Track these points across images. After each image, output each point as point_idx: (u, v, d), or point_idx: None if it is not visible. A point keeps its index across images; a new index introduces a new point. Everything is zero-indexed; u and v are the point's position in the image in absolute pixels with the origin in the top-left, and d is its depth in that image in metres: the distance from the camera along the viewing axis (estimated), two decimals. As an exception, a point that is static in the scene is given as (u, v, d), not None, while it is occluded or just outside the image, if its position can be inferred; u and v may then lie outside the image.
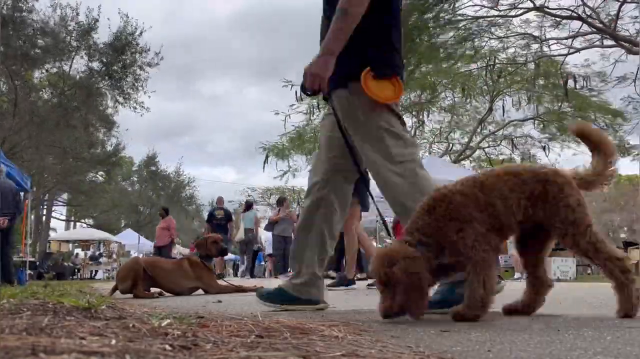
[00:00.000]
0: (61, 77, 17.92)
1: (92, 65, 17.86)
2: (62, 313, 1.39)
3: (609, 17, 13.84)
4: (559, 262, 9.89)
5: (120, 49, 17.42)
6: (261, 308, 2.52)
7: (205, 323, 1.45)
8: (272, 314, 2.25)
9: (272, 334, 1.27)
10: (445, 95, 22.06)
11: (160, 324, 1.27)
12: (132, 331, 1.14)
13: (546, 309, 2.13)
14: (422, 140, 25.44)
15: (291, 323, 1.50)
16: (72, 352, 0.78)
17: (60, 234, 30.30)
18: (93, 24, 17.14)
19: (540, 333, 1.52)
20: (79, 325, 1.14)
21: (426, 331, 1.61)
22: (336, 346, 1.14)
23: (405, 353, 1.16)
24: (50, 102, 18.17)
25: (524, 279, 2.16)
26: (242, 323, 1.48)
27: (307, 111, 21.56)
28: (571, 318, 1.91)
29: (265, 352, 1.01)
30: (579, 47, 15.71)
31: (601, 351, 1.22)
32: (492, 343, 1.36)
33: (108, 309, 1.63)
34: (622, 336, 1.43)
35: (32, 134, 16.95)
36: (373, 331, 1.57)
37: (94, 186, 25.47)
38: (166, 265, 4.62)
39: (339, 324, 1.54)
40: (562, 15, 14.30)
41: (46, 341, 0.86)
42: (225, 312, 2.19)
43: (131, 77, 18.01)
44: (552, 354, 1.21)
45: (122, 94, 18.32)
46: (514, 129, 22.53)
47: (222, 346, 1.05)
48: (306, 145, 22.24)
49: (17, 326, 1.02)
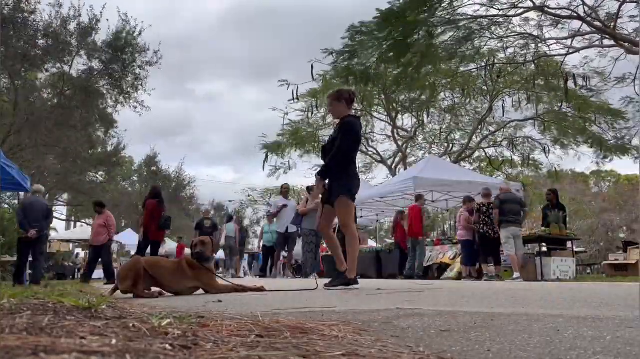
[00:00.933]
0: (61, 78, 17.91)
1: (92, 64, 17.85)
2: (63, 312, 1.39)
3: (608, 17, 13.84)
4: (558, 262, 9.90)
5: (120, 48, 17.40)
6: (261, 308, 2.53)
7: (205, 322, 1.45)
8: (272, 314, 2.25)
9: (272, 334, 1.28)
10: (445, 95, 22.10)
11: (161, 324, 1.27)
12: (132, 330, 1.14)
13: (546, 309, 2.13)
14: (422, 140, 25.51)
15: (291, 322, 1.50)
16: (73, 352, 0.78)
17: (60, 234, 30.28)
18: (94, 24, 17.13)
19: (540, 333, 1.52)
20: (79, 325, 1.14)
21: (426, 331, 1.61)
22: (336, 346, 1.14)
23: (405, 353, 1.16)
24: (50, 103, 18.16)
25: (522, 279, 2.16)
26: (242, 322, 1.48)
27: (304, 109, 21.63)
28: (571, 318, 1.91)
29: (265, 352, 1.01)
30: (579, 47, 15.71)
31: (601, 351, 1.22)
32: (492, 343, 1.36)
33: (108, 309, 1.63)
34: (622, 336, 1.43)
35: (32, 134, 16.95)
36: (373, 331, 1.57)
37: (94, 185, 25.45)
38: (167, 265, 4.62)
39: (339, 324, 1.54)
40: (561, 15, 14.30)
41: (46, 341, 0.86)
42: (225, 312, 2.19)
43: (131, 77, 18.00)
44: (552, 354, 1.21)
45: (122, 93, 18.30)
46: (514, 130, 22.55)
47: (222, 346, 1.05)
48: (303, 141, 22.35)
49: (18, 326, 1.02)
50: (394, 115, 24.05)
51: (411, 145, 25.28)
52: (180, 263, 4.60)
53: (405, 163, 23.63)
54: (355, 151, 4.84)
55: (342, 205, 4.70)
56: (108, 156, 23.29)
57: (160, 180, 36.97)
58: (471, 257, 10.17)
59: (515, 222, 9.27)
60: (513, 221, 9.22)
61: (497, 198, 9.64)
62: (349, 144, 4.67)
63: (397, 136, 24.47)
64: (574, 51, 15.73)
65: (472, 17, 13.76)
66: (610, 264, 12.34)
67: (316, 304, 2.85)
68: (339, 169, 4.71)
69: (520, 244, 9.34)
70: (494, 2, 13.62)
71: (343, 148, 4.64)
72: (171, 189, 37.27)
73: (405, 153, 24.56)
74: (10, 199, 26.73)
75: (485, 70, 16.64)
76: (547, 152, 21.38)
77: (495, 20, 14.45)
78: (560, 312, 2.19)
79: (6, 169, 8.89)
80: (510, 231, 9.16)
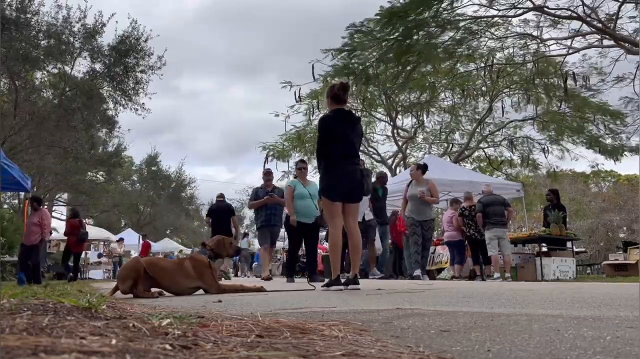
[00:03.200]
0: (62, 78, 17.91)
1: (94, 66, 17.86)
2: (63, 312, 1.39)
3: (608, 16, 13.84)
4: (558, 262, 9.90)
5: (124, 52, 17.43)
6: (261, 308, 2.53)
7: (205, 322, 1.45)
8: (272, 314, 2.25)
9: (272, 334, 1.28)
10: (445, 95, 22.09)
11: (161, 323, 1.28)
12: (132, 330, 1.14)
13: (546, 309, 2.13)
14: (421, 140, 25.51)
15: (291, 322, 1.50)
16: (73, 352, 0.78)
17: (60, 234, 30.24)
18: (100, 28, 17.15)
19: (540, 333, 1.52)
20: (79, 325, 1.14)
21: (426, 331, 1.61)
22: (336, 346, 1.14)
23: (405, 353, 1.16)
24: (51, 103, 18.16)
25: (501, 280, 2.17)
26: (242, 322, 1.48)
27: (306, 112, 21.62)
28: (571, 318, 1.91)
29: (265, 352, 1.01)
30: (578, 47, 15.71)
31: (601, 351, 1.22)
32: (492, 343, 1.36)
33: (108, 309, 1.63)
34: (622, 336, 1.43)
35: (33, 134, 16.95)
36: (373, 331, 1.57)
37: (95, 185, 25.45)
38: (167, 265, 4.63)
39: (339, 324, 1.54)
40: (561, 15, 14.29)
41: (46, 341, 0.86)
42: (225, 312, 2.19)
43: (132, 80, 18.02)
44: (552, 354, 1.21)
45: (124, 96, 18.33)
46: (513, 130, 22.55)
47: (222, 346, 1.05)
48: (306, 145, 22.29)
49: (18, 326, 1.02)
50: (394, 115, 24.06)
51: (411, 145, 25.28)
52: (182, 263, 4.60)
53: (405, 163, 23.63)
54: (329, 144, 4.66)
55: (322, 205, 4.83)
56: (109, 157, 23.30)
57: (160, 180, 36.98)
58: (462, 257, 10.41)
59: (499, 223, 9.33)
60: (495, 223, 9.30)
61: (480, 202, 9.73)
62: (319, 139, 4.73)
63: (397, 136, 24.48)
64: (574, 51, 15.73)
65: (471, 17, 13.75)
66: (610, 264, 12.33)
67: (316, 304, 2.85)
68: (320, 169, 4.77)
69: (507, 245, 9.36)
70: (493, 3, 13.61)
71: (317, 142, 4.77)
72: (171, 189, 37.29)
73: (405, 153, 24.56)
74: (11, 199, 26.76)
75: (484, 70, 16.64)
76: (547, 152, 21.41)
77: (495, 21, 14.45)
78: (560, 312, 2.19)
79: (6, 169, 8.90)
80: (493, 233, 9.26)
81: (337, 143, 4.64)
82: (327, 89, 5.00)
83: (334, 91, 4.78)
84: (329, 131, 4.66)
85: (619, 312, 2.14)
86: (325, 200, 4.66)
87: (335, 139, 4.64)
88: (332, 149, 4.64)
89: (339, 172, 4.61)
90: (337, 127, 4.66)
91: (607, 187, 39.29)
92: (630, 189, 32.34)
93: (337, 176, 4.61)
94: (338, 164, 4.63)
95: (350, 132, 4.70)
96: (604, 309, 2.30)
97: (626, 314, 2.04)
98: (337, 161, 4.63)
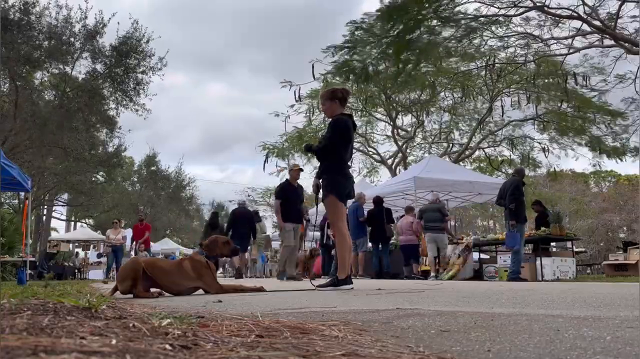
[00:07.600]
0: (63, 79, 17.90)
1: (95, 67, 17.85)
2: (63, 312, 1.39)
3: (609, 16, 13.83)
4: (558, 262, 9.90)
5: (125, 53, 17.43)
6: (261, 308, 2.52)
7: (205, 322, 1.45)
8: (272, 314, 2.25)
9: (272, 334, 1.28)
10: (445, 95, 22.09)
11: (161, 323, 1.28)
12: (132, 330, 1.14)
13: (546, 309, 2.13)
14: (421, 140, 25.50)
15: (291, 323, 1.50)
16: (73, 352, 0.78)
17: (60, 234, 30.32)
18: (100, 28, 17.14)
19: (540, 333, 1.51)
20: (79, 325, 1.14)
21: (426, 331, 1.61)
22: (336, 346, 1.14)
23: (405, 353, 1.16)
24: (52, 104, 18.15)
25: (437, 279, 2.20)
26: (242, 322, 1.48)
27: (306, 112, 21.64)
28: (571, 318, 1.91)
29: (265, 352, 1.01)
30: (579, 47, 15.70)
31: (601, 351, 1.22)
32: (492, 343, 1.36)
33: (108, 309, 1.63)
34: (622, 336, 1.43)
35: (33, 135, 16.94)
36: (373, 331, 1.57)
37: (95, 186, 25.44)
38: (166, 265, 4.62)
39: (339, 324, 1.54)
40: (562, 15, 14.29)
41: (46, 341, 0.86)
42: (225, 312, 2.19)
43: (133, 81, 18.02)
44: (552, 354, 1.21)
45: (124, 97, 18.33)
46: (513, 129, 22.55)
47: (222, 346, 1.05)
48: None
49: (18, 326, 1.02)
50: (394, 115, 24.05)
51: (411, 145, 25.28)
52: (181, 263, 4.60)
53: (405, 163, 23.62)
54: (343, 146, 4.75)
55: (329, 204, 4.74)
56: (109, 157, 23.29)
57: (160, 180, 36.97)
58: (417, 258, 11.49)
59: (433, 229, 10.51)
60: (430, 228, 10.51)
61: (420, 210, 11.05)
62: (335, 138, 4.71)
63: (397, 136, 24.47)
64: (575, 51, 15.73)
65: (472, 15, 13.74)
66: (610, 264, 12.33)
67: (316, 304, 2.85)
68: (328, 168, 4.74)
69: (444, 246, 10.66)
70: (494, 1, 13.61)
71: (331, 140, 4.71)
72: (171, 189, 37.28)
73: (405, 153, 24.56)
74: (11, 199, 26.76)
75: (485, 69, 16.63)
76: (547, 152, 21.41)
77: (496, 19, 14.43)
78: (560, 312, 2.19)
79: (7, 169, 8.89)
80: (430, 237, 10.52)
81: (347, 147, 4.83)
82: (327, 91, 4.98)
83: (339, 94, 4.81)
84: (343, 135, 4.75)
85: (619, 312, 2.13)
86: (337, 201, 4.70)
87: (346, 143, 4.80)
88: (342, 152, 4.77)
89: (348, 176, 4.84)
90: (350, 132, 4.83)
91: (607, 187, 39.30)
92: (630, 189, 32.33)
93: (347, 179, 4.81)
94: (345, 167, 4.83)
95: (353, 138, 4.97)
96: (604, 309, 2.30)
97: (626, 314, 2.04)
98: (345, 165, 4.83)
